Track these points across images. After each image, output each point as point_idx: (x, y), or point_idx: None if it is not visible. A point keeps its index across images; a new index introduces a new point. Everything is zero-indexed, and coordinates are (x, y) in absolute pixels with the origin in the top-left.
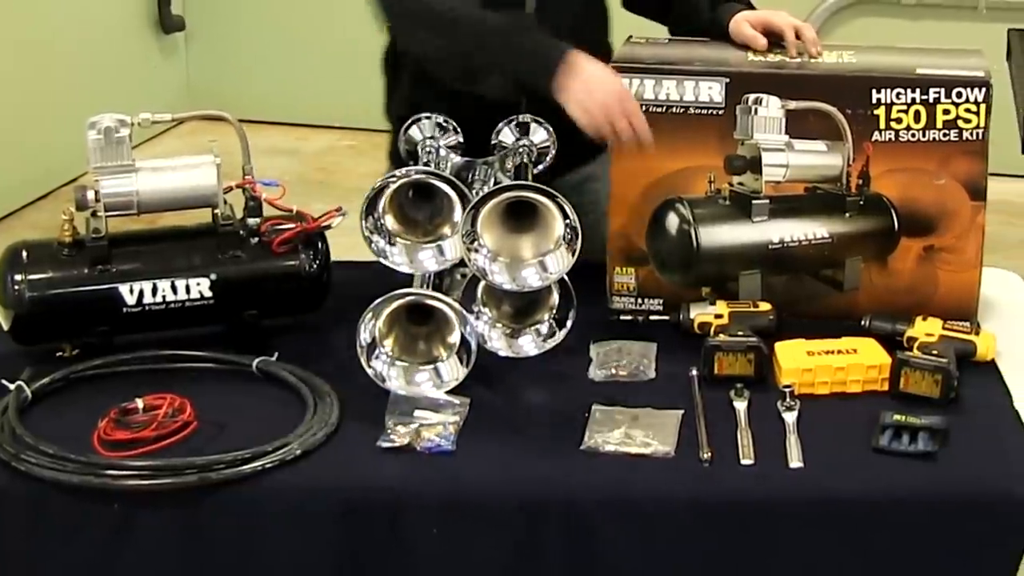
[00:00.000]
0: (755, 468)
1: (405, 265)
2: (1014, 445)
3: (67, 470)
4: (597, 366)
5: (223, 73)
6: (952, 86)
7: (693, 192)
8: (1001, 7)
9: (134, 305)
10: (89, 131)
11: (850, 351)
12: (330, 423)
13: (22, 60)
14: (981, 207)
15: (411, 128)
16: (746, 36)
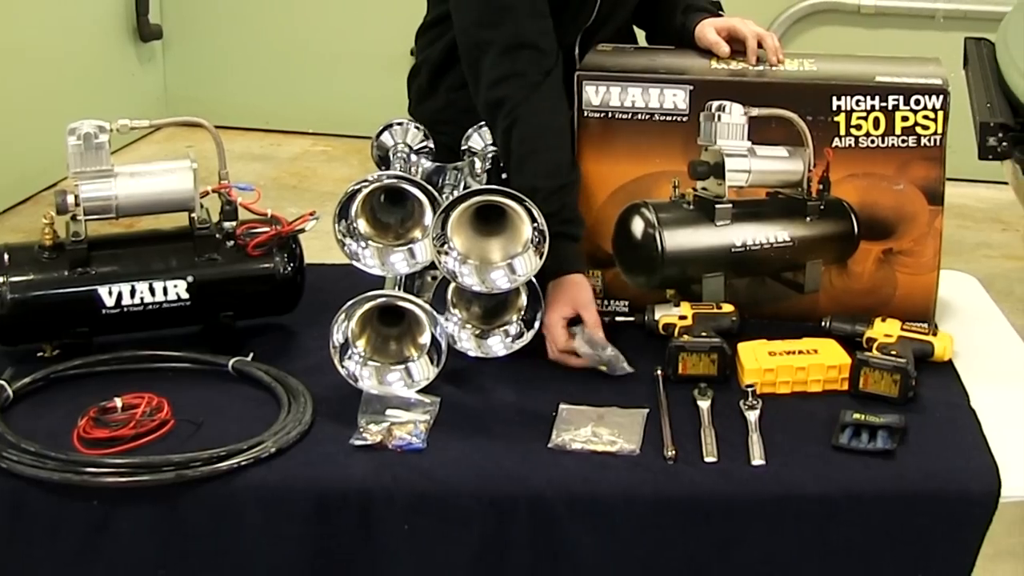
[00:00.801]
0: (718, 465)
1: (377, 268)
2: (970, 443)
3: (47, 467)
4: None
5: (199, 80)
6: (910, 93)
7: (658, 197)
8: (958, 16)
9: (113, 306)
10: (69, 137)
11: (811, 351)
12: (304, 422)
13: (2, 68)
14: (939, 211)
15: (383, 134)
16: (710, 41)
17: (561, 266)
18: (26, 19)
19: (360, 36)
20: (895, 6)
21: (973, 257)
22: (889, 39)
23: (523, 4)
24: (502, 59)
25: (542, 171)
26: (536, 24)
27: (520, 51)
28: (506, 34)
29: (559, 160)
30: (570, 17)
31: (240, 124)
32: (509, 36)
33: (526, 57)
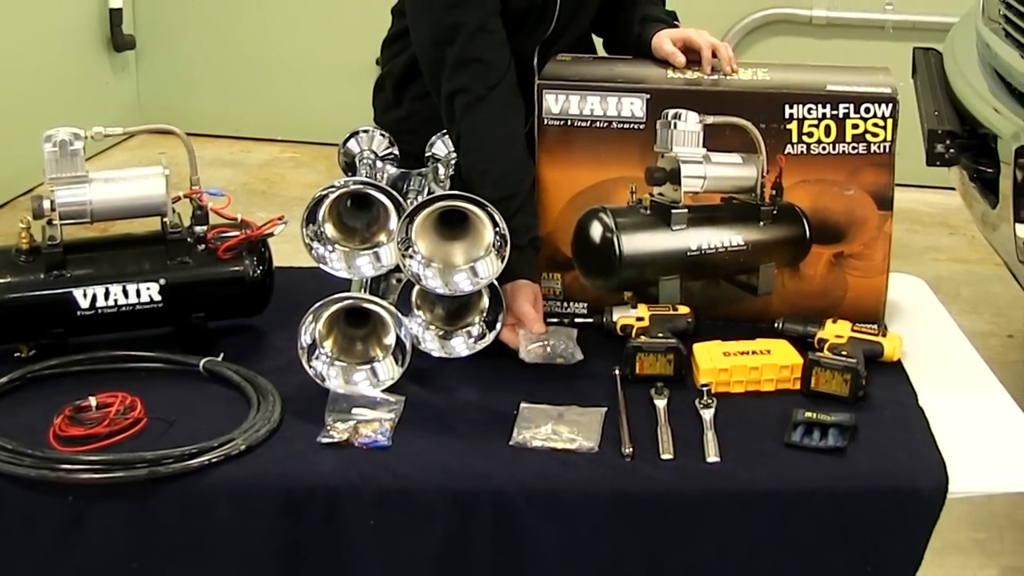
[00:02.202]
0: (674, 462)
1: (343, 271)
2: (918, 440)
3: (24, 464)
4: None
5: (171, 89)
6: (861, 102)
7: (616, 202)
8: (907, 27)
9: (88, 308)
10: (45, 144)
11: (764, 352)
12: (273, 420)
13: None
14: (888, 216)
15: (349, 141)
16: (666, 52)
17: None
18: (4, 31)
19: (327, 47)
20: (846, 17)
21: (921, 260)
22: (840, 49)
23: (472, 21)
24: (453, 74)
25: (488, 182)
26: (484, 39)
27: (468, 66)
28: (456, 50)
29: (502, 171)
30: (528, 29)
31: (211, 131)
32: (458, 52)
33: (472, 71)
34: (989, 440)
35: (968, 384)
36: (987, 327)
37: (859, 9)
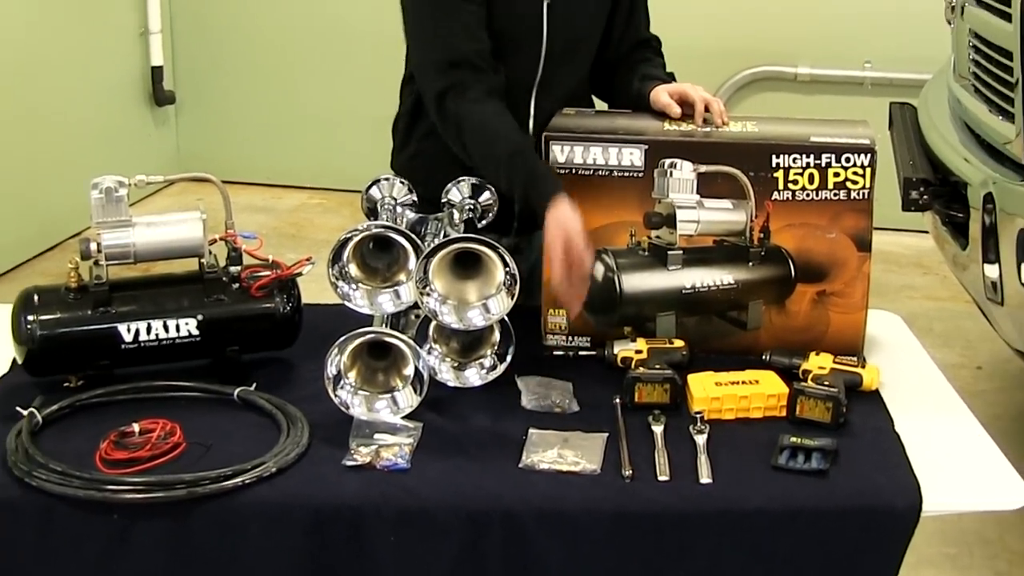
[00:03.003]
0: (670, 483)
1: (366, 307)
2: (894, 463)
3: (73, 485)
4: (528, 395)
5: (208, 141)
6: (842, 152)
7: (617, 244)
8: (884, 84)
9: (131, 342)
10: (92, 191)
11: (753, 382)
12: (301, 444)
13: (35, 129)
14: (867, 257)
15: (371, 188)
16: (663, 104)
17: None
18: (57, 87)
19: (351, 102)
20: (828, 74)
21: (897, 298)
22: (822, 104)
23: (457, 26)
24: (440, 75)
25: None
26: (471, 45)
27: (458, 67)
28: (443, 52)
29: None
30: (518, 76)
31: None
32: (446, 54)
33: (464, 72)
34: (959, 463)
35: (940, 412)
36: (958, 359)
37: (840, 67)
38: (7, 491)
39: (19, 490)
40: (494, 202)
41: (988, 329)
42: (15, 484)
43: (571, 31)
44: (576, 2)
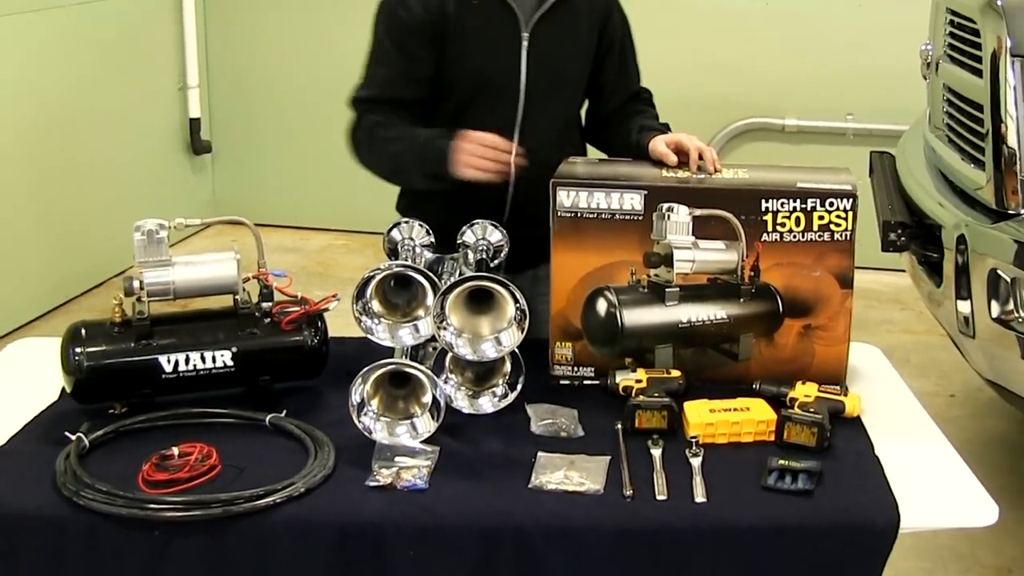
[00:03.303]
0: (668, 503)
1: (388, 340)
2: (875, 484)
3: (117, 504)
4: (537, 421)
5: (242, 187)
6: (826, 197)
7: (618, 282)
8: (865, 134)
9: (171, 372)
10: (135, 233)
11: (744, 409)
12: (328, 466)
13: (83, 176)
14: (849, 294)
15: (392, 231)
16: (660, 153)
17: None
18: (103, 137)
19: None
20: (813, 125)
21: (877, 331)
22: (808, 152)
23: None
24: (358, 108)
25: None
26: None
27: (375, 105)
28: (368, 91)
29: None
30: (499, 116)
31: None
32: (370, 92)
33: (377, 110)
34: (935, 484)
35: (917, 436)
36: (933, 388)
37: (824, 119)
38: (57, 509)
39: (68, 508)
40: (505, 243)
41: (961, 360)
42: (64, 503)
43: (551, 72)
44: (556, 44)
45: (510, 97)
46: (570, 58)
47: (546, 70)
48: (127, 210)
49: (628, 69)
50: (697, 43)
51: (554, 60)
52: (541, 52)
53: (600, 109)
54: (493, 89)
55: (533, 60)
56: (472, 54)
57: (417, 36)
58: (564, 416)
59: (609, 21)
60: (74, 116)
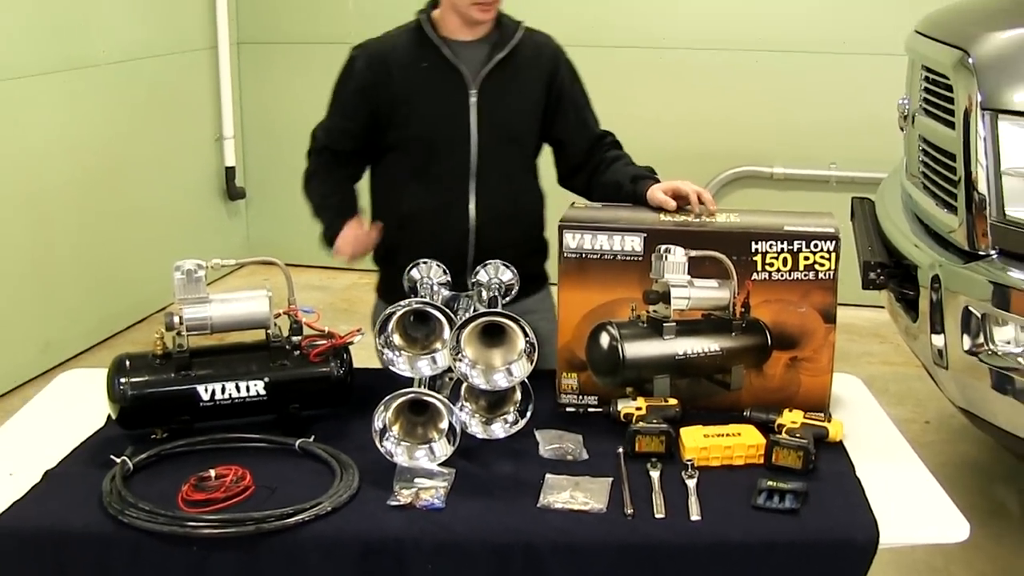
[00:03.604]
0: (666, 520)
1: (408, 371)
2: (856, 503)
3: (158, 522)
4: (545, 445)
5: (273, 229)
6: (811, 239)
7: (620, 317)
8: (847, 181)
9: (208, 400)
10: (175, 272)
11: (735, 434)
12: (353, 487)
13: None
14: (832, 328)
15: (412, 270)
16: (660, 200)
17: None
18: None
19: None
20: (799, 173)
21: (858, 363)
22: (794, 198)
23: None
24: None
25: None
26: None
27: (322, 150)
28: (320, 136)
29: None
30: (454, 165)
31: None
32: (320, 138)
33: (324, 155)
34: (911, 503)
35: (894, 459)
36: (909, 415)
37: (809, 167)
38: (103, 527)
39: (113, 526)
40: (516, 281)
41: (935, 390)
42: (110, 521)
43: (501, 126)
44: (503, 98)
45: (463, 151)
46: (518, 111)
47: (496, 124)
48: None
49: (584, 116)
50: (692, 99)
51: (503, 114)
52: (489, 107)
53: (569, 157)
54: (446, 145)
55: (482, 115)
56: (423, 113)
57: (359, 96)
58: (570, 441)
59: (556, 74)
60: (119, 165)
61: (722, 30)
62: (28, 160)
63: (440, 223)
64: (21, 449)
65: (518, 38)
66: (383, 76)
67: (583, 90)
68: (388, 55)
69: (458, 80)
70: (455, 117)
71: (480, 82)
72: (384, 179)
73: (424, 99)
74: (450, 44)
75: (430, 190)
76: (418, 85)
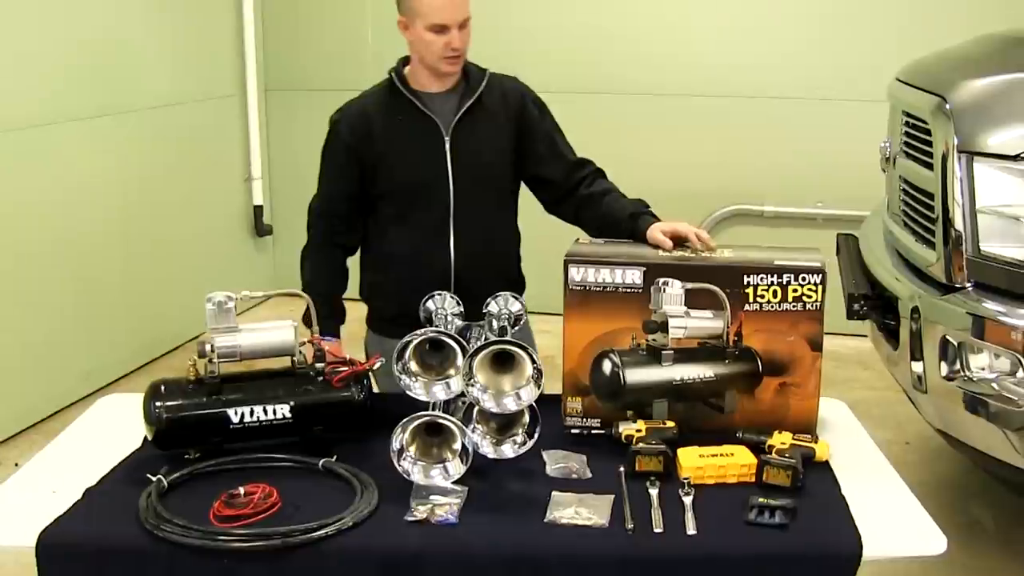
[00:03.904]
0: (664, 535)
1: (424, 395)
2: (841, 519)
3: (192, 536)
4: (552, 465)
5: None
6: (799, 272)
7: (621, 345)
8: (833, 219)
9: (238, 423)
10: (207, 303)
11: (729, 454)
12: (372, 504)
13: (163, 255)
14: (819, 356)
15: (427, 302)
16: (659, 240)
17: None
18: (181, 221)
19: None
20: (788, 211)
21: (843, 388)
22: (784, 235)
23: (327, 190)
24: (311, 216)
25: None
26: (329, 206)
27: (320, 216)
28: (317, 202)
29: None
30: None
31: None
32: (317, 204)
33: (323, 220)
34: (892, 519)
35: (877, 478)
36: (891, 436)
37: (797, 206)
38: (140, 541)
39: (149, 540)
40: (524, 312)
41: (915, 413)
42: (146, 535)
43: (474, 167)
44: (475, 141)
45: (441, 194)
46: (490, 152)
47: (470, 165)
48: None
49: (557, 147)
50: (689, 142)
51: (475, 156)
52: (463, 151)
53: (549, 189)
54: (426, 190)
55: (457, 159)
56: (403, 163)
57: (348, 155)
58: (575, 460)
59: (523, 112)
60: (155, 204)
61: (717, 78)
62: (71, 199)
63: (422, 262)
64: (64, 468)
65: (484, 85)
66: (365, 133)
67: (554, 122)
68: (367, 113)
69: (433, 128)
70: (433, 163)
71: (452, 129)
72: (370, 223)
73: (404, 149)
74: (422, 97)
75: (412, 232)
76: (397, 137)
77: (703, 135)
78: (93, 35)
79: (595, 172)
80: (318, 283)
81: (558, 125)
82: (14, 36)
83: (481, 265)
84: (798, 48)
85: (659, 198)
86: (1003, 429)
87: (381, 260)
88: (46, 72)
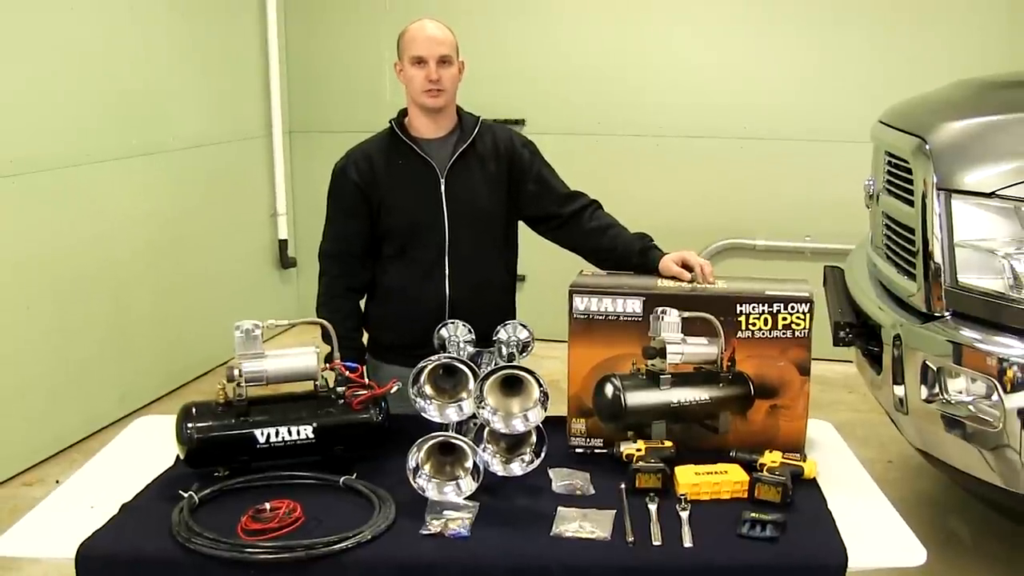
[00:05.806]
0: (662, 547)
1: (437, 417)
2: (828, 532)
3: (221, 548)
4: (557, 482)
5: None
6: (788, 302)
7: (622, 370)
8: (820, 252)
9: (264, 443)
10: (235, 331)
11: (723, 472)
12: (390, 518)
13: (193, 287)
14: (807, 380)
15: (441, 329)
16: (674, 271)
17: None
18: (210, 254)
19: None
20: (778, 245)
21: (830, 410)
22: (774, 267)
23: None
24: (323, 259)
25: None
26: (342, 247)
27: (333, 257)
28: (327, 244)
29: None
30: (431, 243)
31: None
32: (328, 246)
33: (335, 262)
34: (875, 532)
35: (861, 494)
36: (874, 455)
37: (787, 240)
38: (172, 553)
39: (181, 552)
40: (532, 339)
41: (897, 433)
42: (178, 548)
43: (468, 205)
44: (468, 182)
45: (437, 231)
46: (482, 191)
47: (463, 204)
48: (228, 313)
49: (548, 183)
50: (685, 180)
51: (469, 195)
52: (457, 190)
53: (549, 220)
54: (423, 227)
55: (451, 198)
56: (403, 204)
57: (356, 196)
58: (579, 478)
59: (513, 153)
60: (187, 238)
61: (711, 121)
62: (108, 234)
63: (419, 296)
64: (101, 485)
65: (476, 131)
66: (370, 175)
67: (544, 162)
68: (371, 156)
69: (430, 171)
70: (429, 204)
71: (447, 171)
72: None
73: (404, 191)
74: (419, 142)
75: (410, 268)
76: (398, 179)
77: (699, 174)
78: (129, 81)
79: (592, 204)
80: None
81: (548, 164)
82: (55, 82)
83: (474, 300)
84: (788, 93)
85: (659, 232)
86: (979, 448)
87: (381, 294)
88: (85, 115)
